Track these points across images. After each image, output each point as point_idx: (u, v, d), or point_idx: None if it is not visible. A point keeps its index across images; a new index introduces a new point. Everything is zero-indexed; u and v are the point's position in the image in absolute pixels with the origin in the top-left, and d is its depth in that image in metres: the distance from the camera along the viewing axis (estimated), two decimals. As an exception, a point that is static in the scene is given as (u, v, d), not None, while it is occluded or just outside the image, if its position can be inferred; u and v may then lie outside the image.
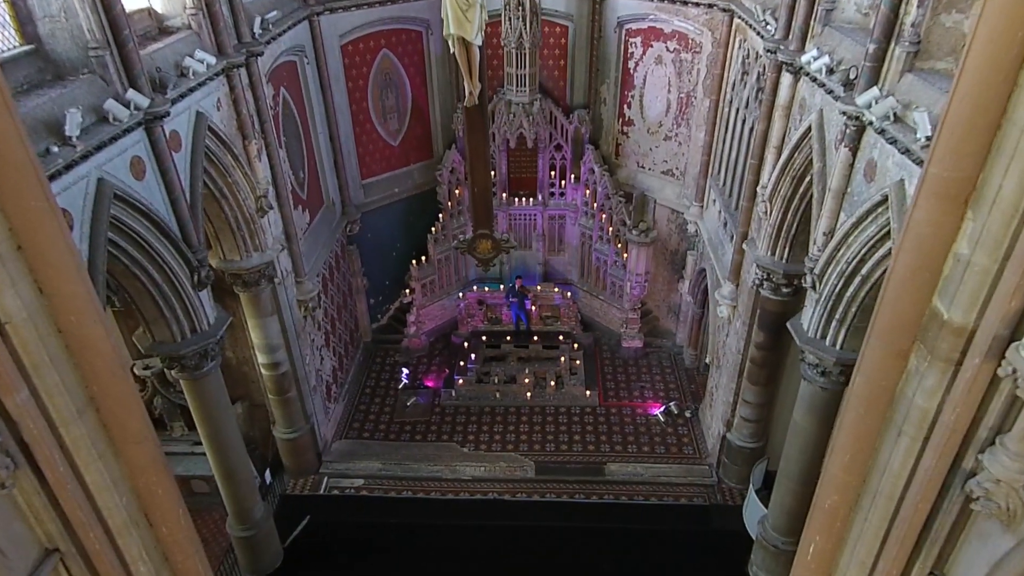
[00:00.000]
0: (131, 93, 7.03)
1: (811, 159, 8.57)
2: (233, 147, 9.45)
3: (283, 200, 11.23)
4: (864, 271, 7.43)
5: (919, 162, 5.97)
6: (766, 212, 10.08)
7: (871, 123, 6.86)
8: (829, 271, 7.92)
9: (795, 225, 9.72)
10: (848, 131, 7.23)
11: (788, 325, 9.11)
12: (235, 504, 10.73)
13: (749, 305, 11.28)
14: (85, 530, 5.09)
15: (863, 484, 6.18)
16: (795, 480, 9.98)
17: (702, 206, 14.41)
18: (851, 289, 7.70)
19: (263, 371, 12.05)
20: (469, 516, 12.67)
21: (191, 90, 8.27)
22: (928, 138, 5.81)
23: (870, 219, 7.00)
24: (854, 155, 7.32)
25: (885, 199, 6.62)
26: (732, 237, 12.36)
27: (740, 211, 11.33)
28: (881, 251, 7.06)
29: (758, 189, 10.41)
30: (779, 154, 9.62)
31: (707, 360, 14.11)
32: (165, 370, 11.03)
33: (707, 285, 14.20)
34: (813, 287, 8.32)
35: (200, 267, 8.46)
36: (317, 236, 13.51)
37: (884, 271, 7.26)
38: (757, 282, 10.75)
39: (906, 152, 6.21)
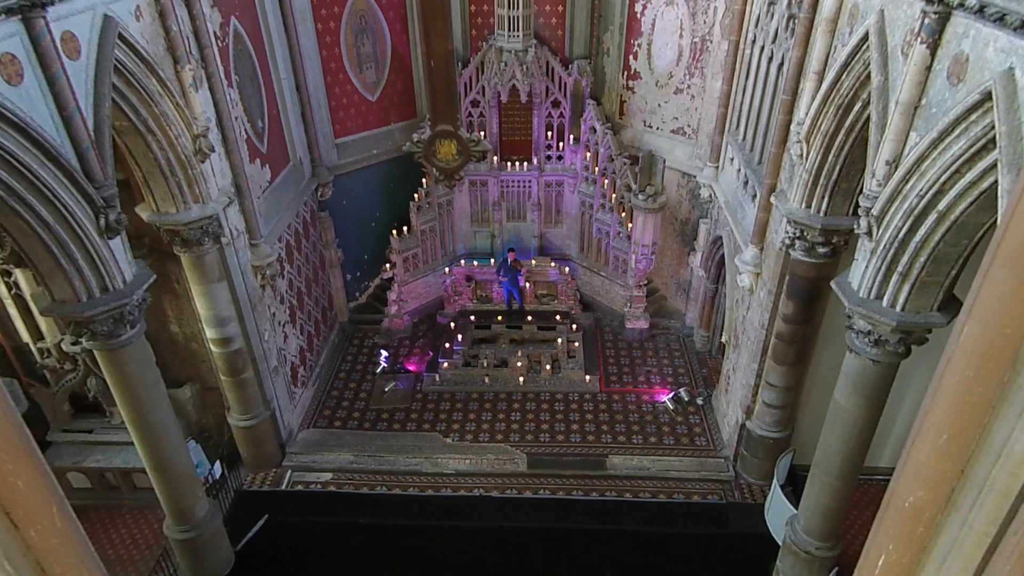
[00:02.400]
0: (-8, -36, 5.40)
1: (865, 78, 6.94)
2: (159, 70, 7.79)
3: (231, 145, 9.59)
4: (942, 205, 5.80)
5: (1044, 34, 4.35)
6: (801, 155, 8.45)
7: (962, 4, 5.22)
8: (892, 210, 6.29)
9: (838, 168, 8.09)
10: (926, 22, 5.60)
11: (832, 284, 7.48)
12: (172, 502, 9.11)
13: (776, 271, 9.66)
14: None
15: (963, 475, 4.58)
16: (834, 474, 8.36)
17: (717, 167, 12.77)
18: (922, 231, 6.07)
19: (213, 348, 10.43)
20: (452, 515, 11.06)
21: (93, -16, 6.63)
22: (1062, -4, 4.18)
23: (957, 132, 5.37)
24: (933, 54, 5.68)
25: (984, 100, 4.98)
26: (755, 196, 10.75)
27: (767, 160, 9.70)
28: (969, 175, 5.42)
29: (791, 128, 8.79)
30: (820, 81, 7.98)
31: (723, 339, 12.49)
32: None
33: (723, 255, 12.58)
34: (868, 233, 6.69)
35: (108, 208, 6.83)
36: (280, 197, 11.87)
37: (968, 206, 5.66)
38: (787, 242, 9.14)
39: (1021, 27, 4.57)
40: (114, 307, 7.20)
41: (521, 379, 13.67)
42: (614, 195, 14.21)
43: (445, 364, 13.90)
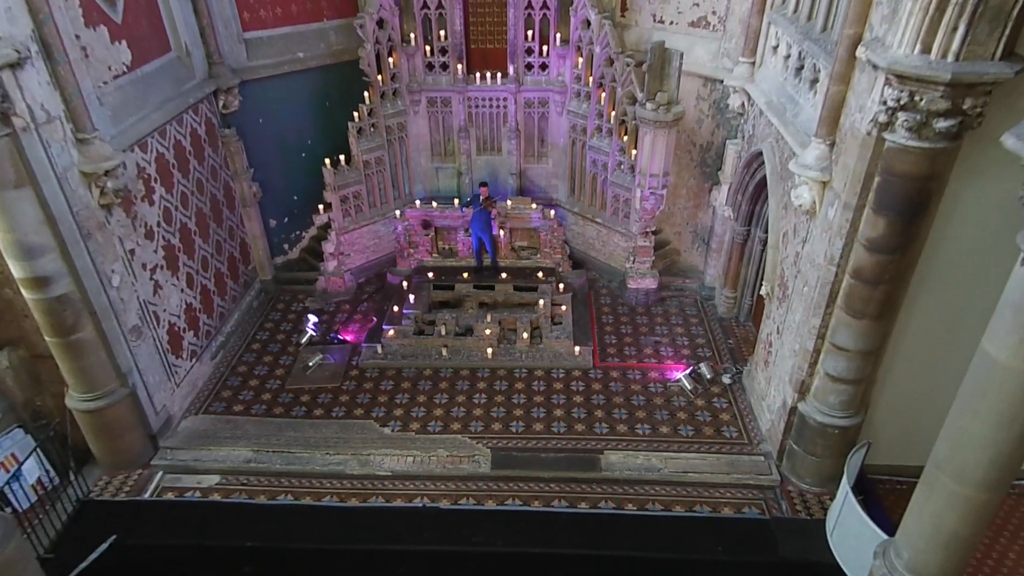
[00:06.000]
0: None
1: None
2: None
3: (20, -31, 6.26)
4: None
5: None
6: (919, -39, 5.15)
7: None
8: None
9: (992, -35, 4.79)
10: None
11: (1007, 139, 4.15)
12: (-82, 522, 5.81)
13: (859, 172, 6.37)
14: None
15: None
16: (975, 483, 5.14)
17: (753, 62, 9.48)
18: None
19: (24, 292, 7.15)
20: (383, 534, 7.77)
21: None
22: None
23: None
24: None
25: None
26: (814, 82, 7.51)
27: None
28: None
29: (899, -77, 5.49)
30: None
31: (762, 292, 9.19)
32: None
33: (761, 181, 9.29)
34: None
35: None
36: (147, 90, 8.55)
37: None
38: (882, 120, 5.87)
39: None
40: None
41: (490, 351, 10.37)
42: (613, 112, 10.90)
43: (391, 332, 10.60)
